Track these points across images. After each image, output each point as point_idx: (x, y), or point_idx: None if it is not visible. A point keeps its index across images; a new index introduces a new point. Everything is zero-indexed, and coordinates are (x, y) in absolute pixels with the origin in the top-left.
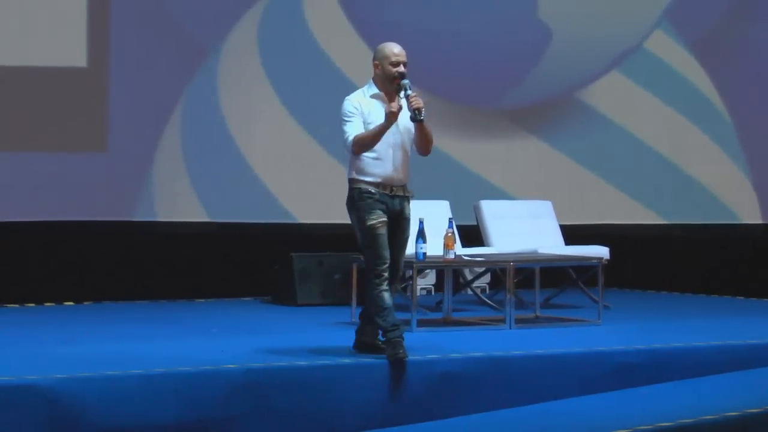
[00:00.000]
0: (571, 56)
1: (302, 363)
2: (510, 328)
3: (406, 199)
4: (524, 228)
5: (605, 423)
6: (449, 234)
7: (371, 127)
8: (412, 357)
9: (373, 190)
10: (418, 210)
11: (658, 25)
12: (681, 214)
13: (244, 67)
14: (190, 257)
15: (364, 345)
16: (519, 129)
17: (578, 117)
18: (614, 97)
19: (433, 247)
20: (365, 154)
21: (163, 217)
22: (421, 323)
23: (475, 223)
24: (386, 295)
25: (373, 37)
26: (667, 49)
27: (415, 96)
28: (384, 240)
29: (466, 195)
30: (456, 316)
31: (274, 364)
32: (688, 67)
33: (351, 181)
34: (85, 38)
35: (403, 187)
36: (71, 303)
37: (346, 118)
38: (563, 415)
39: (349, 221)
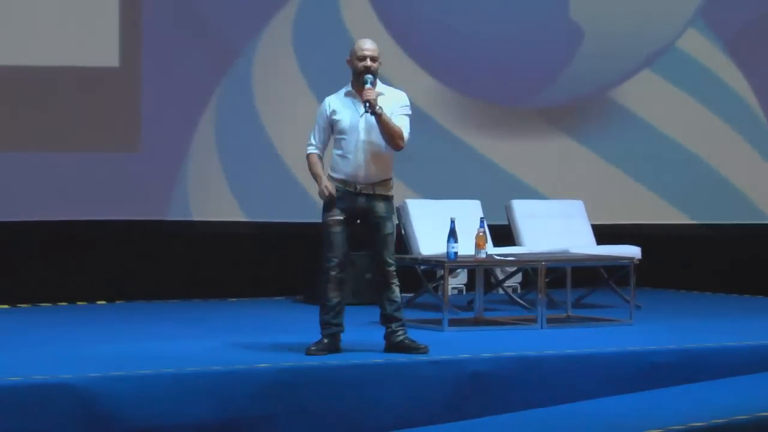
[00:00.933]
0: (604, 55)
1: (333, 362)
2: (541, 328)
3: (379, 197)
4: (556, 227)
5: (637, 423)
6: (481, 233)
7: (340, 125)
8: (443, 356)
9: (337, 186)
10: (449, 209)
11: (692, 23)
12: (713, 214)
13: (278, 64)
14: (221, 256)
15: (393, 346)
16: (551, 128)
17: (611, 116)
18: (647, 96)
19: (465, 247)
20: (335, 151)
21: (196, 216)
22: (453, 323)
23: (507, 223)
24: (330, 293)
25: (404, 36)
26: (701, 48)
27: (369, 89)
28: (336, 238)
29: (498, 194)
30: (487, 315)
31: (306, 363)
32: (723, 67)
33: (327, 177)
34: (117, 38)
35: (373, 185)
36: (104, 302)
37: (315, 124)
38: (595, 415)
39: None
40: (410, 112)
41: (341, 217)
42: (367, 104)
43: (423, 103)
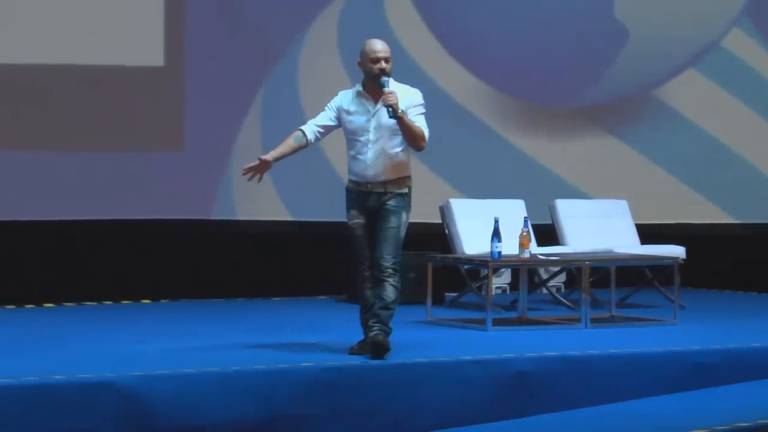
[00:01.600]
0: (648, 54)
1: (376, 362)
2: (585, 328)
3: (389, 194)
4: (599, 227)
5: (682, 423)
6: (524, 233)
7: (350, 126)
8: (487, 356)
9: (350, 187)
10: (493, 209)
11: (737, 22)
12: (757, 214)
13: (324, 63)
14: (265, 255)
15: (367, 339)
16: (595, 127)
17: (655, 115)
18: (691, 95)
19: (509, 246)
20: (348, 152)
21: (241, 216)
22: (496, 322)
23: (551, 222)
24: (368, 293)
25: (447, 36)
26: (746, 47)
27: (389, 93)
28: (359, 241)
29: (542, 194)
30: (531, 315)
31: (349, 362)
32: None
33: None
34: (162, 37)
35: (384, 183)
36: (148, 301)
37: (323, 110)
38: (639, 415)
39: (426, 221)
40: (425, 110)
41: (362, 220)
42: (389, 109)
43: (467, 102)
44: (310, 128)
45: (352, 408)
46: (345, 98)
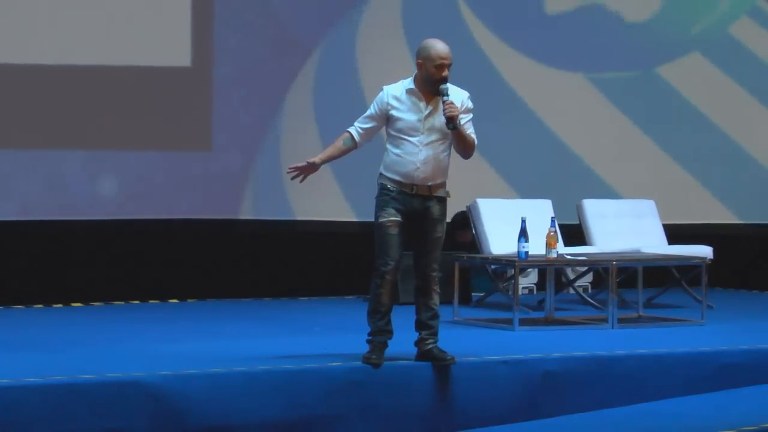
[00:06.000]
0: None
1: (404, 362)
2: (612, 328)
3: (434, 199)
4: (627, 227)
5: (709, 423)
6: (552, 233)
7: (399, 124)
8: (514, 356)
9: (391, 187)
10: (520, 209)
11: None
12: None
13: (386, 45)
14: (291, 255)
15: (422, 354)
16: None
17: (683, 116)
18: (718, 98)
19: (536, 246)
20: (391, 150)
21: (268, 216)
22: (523, 322)
23: (578, 222)
24: (384, 299)
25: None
26: None
27: (450, 103)
28: (393, 240)
29: (569, 193)
30: (558, 315)
31: None
32: None
33: (379, 176)
34: (189, 37)
35: (430, 187)
36: (176, 300)
37: (368, 110)
38: (666, 416)
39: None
40: (472, 115)
41: (398, 219)
42: (449, 120)
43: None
44: (356, 130)
45: (380, 408)
46: (393, 94)
